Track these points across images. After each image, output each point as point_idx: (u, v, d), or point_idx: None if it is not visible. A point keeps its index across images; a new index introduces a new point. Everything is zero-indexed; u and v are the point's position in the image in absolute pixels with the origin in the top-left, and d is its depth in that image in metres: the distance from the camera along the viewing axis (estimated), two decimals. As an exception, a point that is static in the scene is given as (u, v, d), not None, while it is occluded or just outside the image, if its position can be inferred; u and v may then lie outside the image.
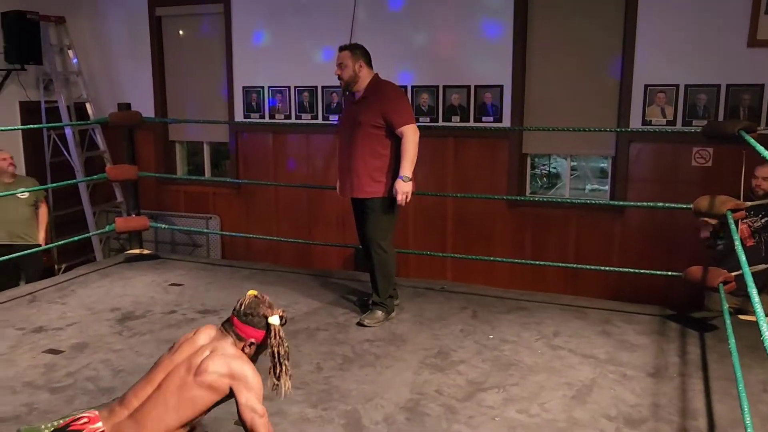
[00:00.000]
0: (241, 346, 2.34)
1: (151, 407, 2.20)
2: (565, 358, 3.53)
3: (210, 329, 2.42)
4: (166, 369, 2.30)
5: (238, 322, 2.34)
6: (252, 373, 2.27)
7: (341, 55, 3.97)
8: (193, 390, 2.21)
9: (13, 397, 3.06)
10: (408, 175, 3.79)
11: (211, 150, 7.16)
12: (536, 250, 5.71)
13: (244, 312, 2.34)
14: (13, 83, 6.53)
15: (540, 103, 5.64)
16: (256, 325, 2.33)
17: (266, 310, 2.35)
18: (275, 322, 2.33)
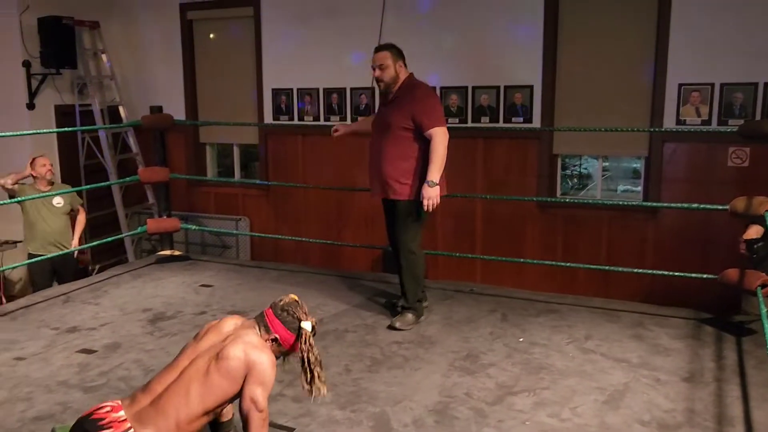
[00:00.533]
0: (266, 338, 2.33)
1: (172, 394, 2.20)
2: (597, 362, 3.48)
3: (236, 318, 2.43)
4: (190, 357, 2.31)
5: (271, 315, 2.35)
6: (269, 367, 2.25)
7: (380, 56, 3.84)
8: (212, 376, 2.21)
9: (48, 395, 3.11)
10: (435, 179, 3.69)
11: (241, 152, 7.23)
12: (567, 252, 5.65)
13: (281, 307, 2.36)
14: (48, 87, 6.66)
15: (571, 103, 5.57)
16: (288, 325, 2.33)
17: (301, 314, 2.35)
18: (307, 327, 2.33)
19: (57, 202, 5.32)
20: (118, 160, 7.06)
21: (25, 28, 6.35)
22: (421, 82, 3.93)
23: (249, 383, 2.22)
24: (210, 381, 2.20)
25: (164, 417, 2.17)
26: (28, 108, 6.54)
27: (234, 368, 2.21)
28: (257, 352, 2.25)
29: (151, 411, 2.18)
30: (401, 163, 3.81)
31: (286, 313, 2.34)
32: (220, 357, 2.22)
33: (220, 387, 2.21)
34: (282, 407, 2.98)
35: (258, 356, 2.24)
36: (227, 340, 2.29)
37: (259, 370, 2.22)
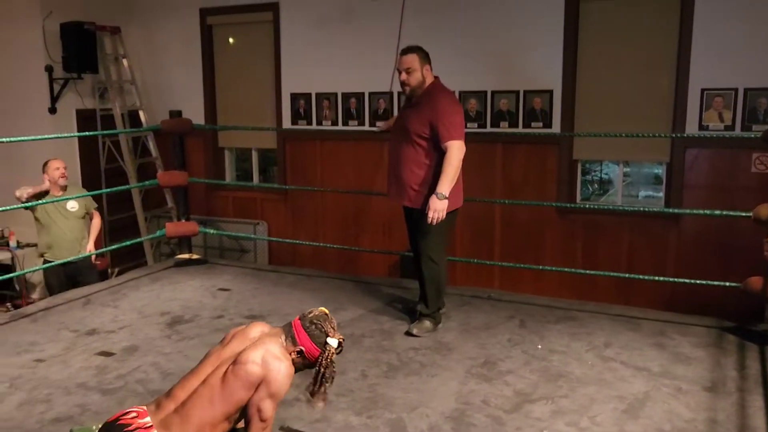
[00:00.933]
0: (290, 350, 2.31)
1: (196, 401, 2.19)
2: (616, 370, 3.43)
3: (263, 325, 2.41)
4: (214, 363, 2.29)
5: (299, 326, 2.32)
6: (284, 378, 2.22)
7: (408, 60, 3.74)
8: (229, 380, 2.19)
9: (67, 397, 3.13)
10: (444, 192, 3.58)
11: (261, 156, 7.25)
12: (587, 258, 5.58)
13: (309, 320, 2.32)
14: (70, 91, 6.73)
15: (591, 108, 5.52)
16: (314, 338, 2.30)
17: (329, 330, 2.31)
18: (333, 344, 2.30)
19: (71, 207, 5.15)
20: (138, 164, 7.12)
21: (47, 34, 6.43)
22: (445, 89, 3.85)
23: (260, 391, 2.20)
24: (227, 385, 2.19)
25: (189, 423, 2.16)
26: (50, 112, 6.61)
27: (250, 373, 2.19)
28: (276, 362, 2.22)
29: (176, 418, 2.18)
30: (417, 171, 3.76)
31: (314, 326, 2.30)
32: (238, 361, 2.21)
33: (236, 392, 2.19)
34: (299, 412, 2.97)
35: (276, 366, 2.22)
36: (249, 345, 2.28)
37: (274, 380, 2.20)
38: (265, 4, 6.60)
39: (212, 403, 2.18)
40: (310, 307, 2.38)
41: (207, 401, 2.19)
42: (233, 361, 2.22)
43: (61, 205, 5.12)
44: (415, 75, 3.74)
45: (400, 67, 3.77)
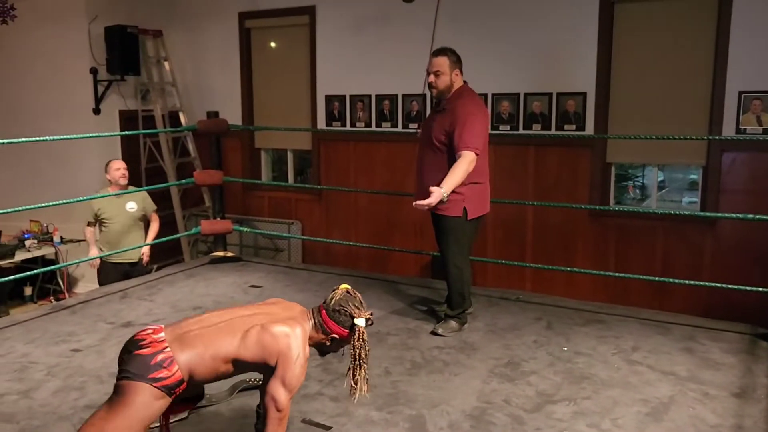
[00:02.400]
0: (323, 339, 2.36)
1: (219, 331, 2.27)
2: (642, 374, 3.39)
3: (301, 307, 2.46)
4: (251, 310, 2.38)
5: (325, 316, 2.35)
6: (299, 367, 2.25)
7: (437, 62, 3.72)
8: (252, 338, 2.24)
9: (100, 386, 3.24)
10: (446, 190, 3.53)
11: (297, 157, 7.36)
12: (620, 262, 5.52)
13: (333, 308, 2.35)
14: (114, 93, 6.95)
15: (625, 110, 5.46)
16: (342, 324, 2.34)
17: (354, 309, 2.34)
18: (361, 324, 2.32)
19: (130, 207, 5.25)
20: (177, 163, 7.30)
21: (93, 37, 6.66)
22: (472, 94, 3.82)
23: (275, 377, 2.25)
24: (248, 338, 2.25)
25: (204, 346, 2.23)
26: (94, 113, 6.84)
27: (268, 345, 2.24)
28: (296, 349, 2.26)
29: (194, 338, 2.25)
30: (440, 176, 3.65)
31: (338, 313, 2.34)
32: (266, 327, 2.26)
33: (251, 349, 2.24)
34: (320, 406, 3.03)
35: (295, 352, 2.25)
36: (283, 318, 2.33)
37: (288, 367, 2.24)
38: (302, 7, 6.71)
39: (231, 340, 2.25)
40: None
41: (228, 336, 2.26)
42: (263, 325, 2.27)
43: (121, 205, 5.22)
44: (443, 78, 3.73)
45: (429, 68, 3.77)
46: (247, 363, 2.29)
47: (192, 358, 2.21)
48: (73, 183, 6.60)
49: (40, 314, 4.36)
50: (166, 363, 2.17)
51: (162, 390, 2.15)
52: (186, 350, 2.22)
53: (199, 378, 2.25)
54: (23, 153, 6.95)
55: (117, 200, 5.21)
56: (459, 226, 3.82)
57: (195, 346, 2.23)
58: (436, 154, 3.79)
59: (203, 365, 2.22)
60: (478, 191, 3.84)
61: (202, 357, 2.22)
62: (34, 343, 3.80)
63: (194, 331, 2.28)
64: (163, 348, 2.20)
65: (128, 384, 2.15)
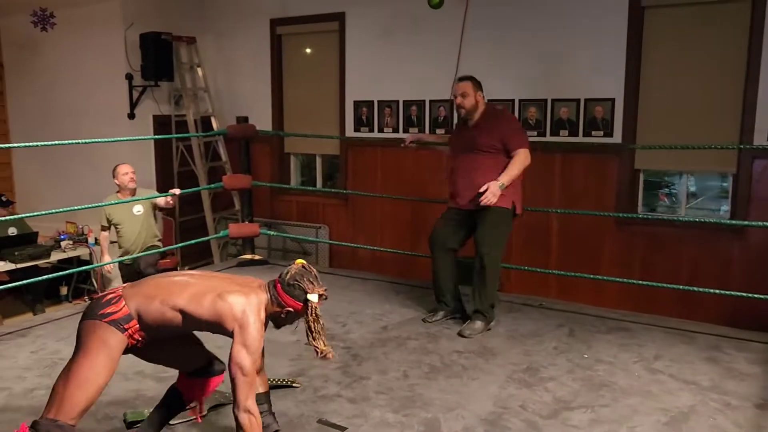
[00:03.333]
0: (278, 311, 2.44)
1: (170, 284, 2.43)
2: (663, 383, 3.36)
3: (259, 281, 2.54)
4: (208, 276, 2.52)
5: (280, 290, 2.44)
6: (256, 336, 2.34)
7: (463, 86, 4.19)
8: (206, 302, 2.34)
9: (125, 383, 3.34)
10: (504, 183, 3.94)
11: (327, 162, 7.44)
12: (646, 270, 5.44)
13: (288, 282, 2.44)
14: (148, 98, 7.12)
15: (654, 117, 5.40)
16: (297, 298, 2.42)
17: (307, 285, 2.42)
18: (314, 299, 2.42)
19: (137, 211, 5.29)
20: (208, 167, 7.43)
21: (128, 44, 6.83)
22: (498, 108, 4.40)
23: (236, 343, 2.32)
24: (203, 300, 2.35)
25: (155, 291, 2.39)
26: (129, 118, 7.01)
27: (224, 310, 2.33)
28: (251, 315, 2.34)
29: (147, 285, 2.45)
30: (495, 176, 3.99)
31: (292, 287, 2.42)
32: (222, 295, 2.35)
33: (204, 310, 2.33)
34: (337, 407, 3.07)
35: (251, 317, 2.34)
36: (239, 287, 2.42)
37: (246, 332, 2.32)
38: (332, 14, 6.79)
39: (183, 294, 2.35)
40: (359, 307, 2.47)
41: (181, 290, 2.37)
42: (220, 293, 2.36)
43: (129, 209, 5.28)
44: (469, 99, 4.16)
45: (455, 92, 4.23)
46: (200, 320, 2.36)
47: (141, 299, 2.37)
48: (109, 185, 6.76)
49: (72, 313, 4.49)
50: (114, 300, 2.35)
51: (111, 324, 2.30)
52: (137, 293, 2.39)
53: (148, 319, 2.35)
54: (61, 156, 7.15)
55: (125, 204, 5.23)
56: (506, 218, 4.12)
57: (146, 291, 2.40)
58: (491, 158, 4.09)
59: (152, 307, 2.35)
60: (521, 190, 4.23)
61: (152, 299, 2.36)
62: (65, 340, 3.91)
63: (150, 282, 2.47)
64: (114, 292, 2.40)
65: (83, 324, 2.34)
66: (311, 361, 3.61)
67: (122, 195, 5.30)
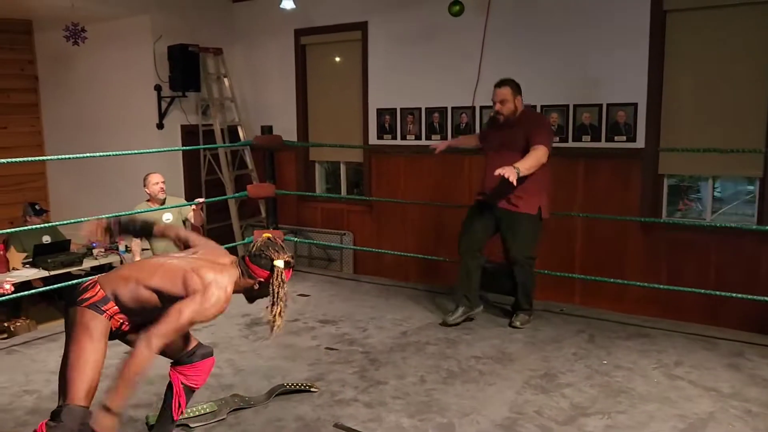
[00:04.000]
0: (250, 283, 2.52)
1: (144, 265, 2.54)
2: (682, 389, 3.34)
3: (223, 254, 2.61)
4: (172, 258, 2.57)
5: (248, 261, 2.52)
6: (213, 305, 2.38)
7: (502, 92, 4.21)
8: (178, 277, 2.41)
9: (148, 386, 3.41)
10: (521, 169, 3.88)
11: (353, 169, 7.51)
12: (672, 276, 5.38)
13: (254, 253, 2.52)
14: (176, 109, 7.27)
15: (678, 121, 5.35)
16: (263, 266, 2.50)
17: (273, 253, 2.50)
18: (279, 265, 2.49)
19: (166, 218, 5.39)
20: (235, 175, 7.55)
21: (157, 56, 7.00)
22: (536, 111, 4.59)
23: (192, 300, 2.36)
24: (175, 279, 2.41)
25: (130, 273, 2.48)
26: (158, 128, 7.18)
27: (195, 288, 2.38)
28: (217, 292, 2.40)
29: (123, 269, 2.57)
30: (527, 179, 4.01)
31: (259, 257, 2.50)
32: (195, 271, 2.42)
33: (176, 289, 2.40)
34: (354, 411, 3.12)
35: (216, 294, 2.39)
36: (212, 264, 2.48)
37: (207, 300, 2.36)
38: (355, 23, 6.87)
39: (157, 275, 2.44)
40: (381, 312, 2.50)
41: (156, 271, 2.46)
42: (191, 270, 2.44)
43: (158, 218, 5.34)
44: (508, 105, 4.19)
45: (494, 98, 4.23)
46: (174, 298, 2.41)
47: (117, 282, 2.46)
48: (139, 194, 6.92)
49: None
50: (90, 286, 2.44)
51: (90, 308, 2.39)
52: (113, 278, 2.49)
53: (125, 300, 2.42)
54: (92, 165, 7.32)
55: (154, 213, 5.31)
56: (534, 222, 4.22)
57: (121, 274, 2.51)
58: (518, 156, 4.07)
59: (127, 289, 2.43)
60: (548, 196, 4.31)
61: (127, 280, 2.44)
62: (93, 345, 4.03)
63: (125, 266, 2.65)
64: (90, 279, 2.50)
65: (66, 313, 2.44)
66: (329, 365, 3.67)
67: (152, 204, 5.42)
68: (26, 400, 3.31)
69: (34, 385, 3.48)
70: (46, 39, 7.86)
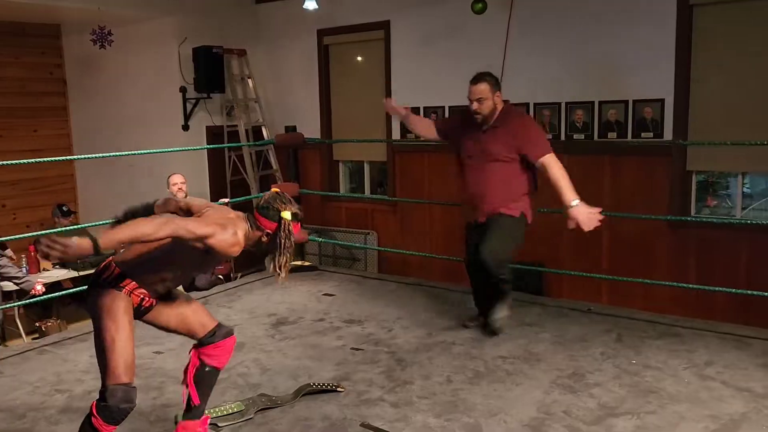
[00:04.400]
0: (258, 236, 2.54)
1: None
2: (714, 390, 3.28)
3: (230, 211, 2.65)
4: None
5: (257, 214, 2.56)
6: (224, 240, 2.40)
7: (479, 89, 3.80)
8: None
9: (177, 386, 3.43)
10: (575, 198, 3.62)
11: (376, 169, 7.51)
12: (702, 274, 5.30)
13: (261, 206, 2.56)
14: (201, 110, 7.34)
15: (706, 117, 5.27)
16: (271, 218, 2.53)
17: (280, 205, 2.54)
18: (287, 216, 2.52)
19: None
20: (259, 175, 7.60)
21: (182, 58, 7.06)
22: (518, 110, 3.97)
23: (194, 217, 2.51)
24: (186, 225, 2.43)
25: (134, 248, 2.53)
26: (183, 129, 7.25)
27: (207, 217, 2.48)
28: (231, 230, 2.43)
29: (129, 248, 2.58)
30: (507, 188, 3.84)
31: (267, 209, 2.54)
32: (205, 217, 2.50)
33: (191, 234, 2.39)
34: (380, 411, 3.11)
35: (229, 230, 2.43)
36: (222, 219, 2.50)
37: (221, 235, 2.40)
38: (377, 22, 6.87)
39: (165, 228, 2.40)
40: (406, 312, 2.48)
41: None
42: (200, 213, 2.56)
43: None
44: (487, 103, 3.81)
45: (471, 96, 3.84)
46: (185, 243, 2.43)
47: (126, 254, 2.55)
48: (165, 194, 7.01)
49: (129, 318, 4.66)
50: (105, 266, 2.55)
51: (109, 287, 2.49)
52: (124, 254, 2.56)
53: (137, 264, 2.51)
54: (120, 167, 7.43)
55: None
56: (515, 224, 3.88)
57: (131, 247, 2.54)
58: (503, 169, 3.85)
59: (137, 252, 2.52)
60: (531, 200, 3.97)
61: (135, 248, 2.52)
62: (122, 344, 4.08)
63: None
64: (104, 262, 2.59)
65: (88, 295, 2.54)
66: (355, 365, 3.68)
67: None
68: (58, 399, 3.36)
69: (66, 385, 3.54)
70: (74, 43, 7.98)
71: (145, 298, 2.58)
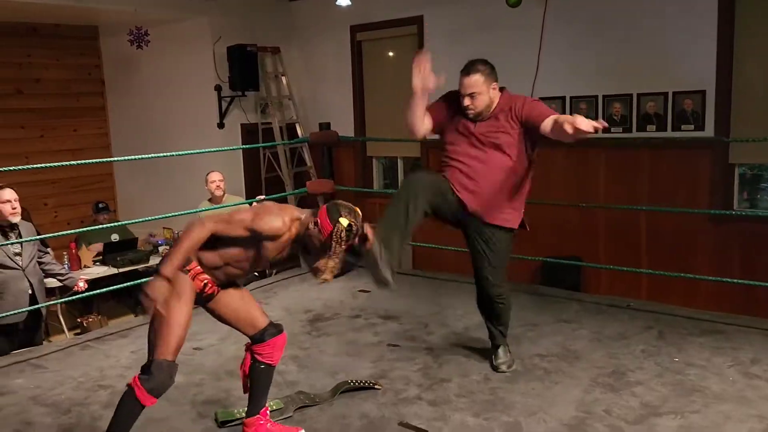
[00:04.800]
0: (312, 221, 2.64)
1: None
2: (760, 389, 3.20)
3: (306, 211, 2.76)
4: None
5: (323, 208, 2.66)
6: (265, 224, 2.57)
7: (471, 82, 3.25)
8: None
9: (217, 383, 3.51)
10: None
11: (410, 165, 7.48)
12: (746, 270, 5.16)
13: (332, 203, 2.69)
14: (236, 108, 7.41)
15: (749, 108, 5.13)
16: (330, 217, 2.61)
17: (344, 212, 2.62)
18: (343, 223, 2.59)
19: None
20: (294, 172, 7.64)
21: (217, 57, 7.13)
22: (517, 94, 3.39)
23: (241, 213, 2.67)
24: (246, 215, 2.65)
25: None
26: (218, 127, 7.33)
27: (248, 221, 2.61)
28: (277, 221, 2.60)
29: None
30: (512, 188, 3.35)
31: (331, 211, 2.63)
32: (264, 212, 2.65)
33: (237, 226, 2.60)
34: (418, 410, 3.11)
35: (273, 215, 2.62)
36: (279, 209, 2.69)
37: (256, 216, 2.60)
38: (410, 17, 6.84)
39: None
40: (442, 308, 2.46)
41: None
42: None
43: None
44: (481, 98, 3.27)
45: (463, 91, 3.30)
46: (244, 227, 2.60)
47: None
48: (202, 193, 7.09)
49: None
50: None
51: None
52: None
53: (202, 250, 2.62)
54: (157, 165, 7.54)
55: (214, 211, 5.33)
56: (510, 241, 3.45)
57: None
58: (506, 163, 3.31)
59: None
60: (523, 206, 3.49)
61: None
62: (162, 341, 4.15)
63: None
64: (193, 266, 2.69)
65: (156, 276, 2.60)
66: (392, 363, 3.68)
67: (213, 202, 5.55)
68: (101, 395, 3.42)
69: (108, 380, 3.60)
70: (112, 44, 8.13)
71: (209, 284, 2.69)
